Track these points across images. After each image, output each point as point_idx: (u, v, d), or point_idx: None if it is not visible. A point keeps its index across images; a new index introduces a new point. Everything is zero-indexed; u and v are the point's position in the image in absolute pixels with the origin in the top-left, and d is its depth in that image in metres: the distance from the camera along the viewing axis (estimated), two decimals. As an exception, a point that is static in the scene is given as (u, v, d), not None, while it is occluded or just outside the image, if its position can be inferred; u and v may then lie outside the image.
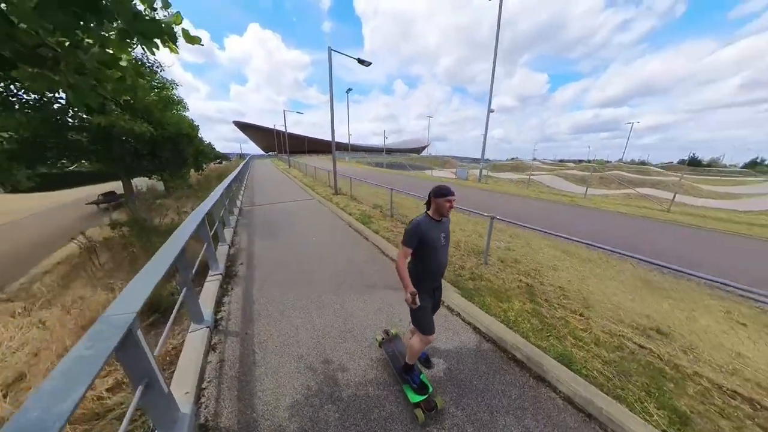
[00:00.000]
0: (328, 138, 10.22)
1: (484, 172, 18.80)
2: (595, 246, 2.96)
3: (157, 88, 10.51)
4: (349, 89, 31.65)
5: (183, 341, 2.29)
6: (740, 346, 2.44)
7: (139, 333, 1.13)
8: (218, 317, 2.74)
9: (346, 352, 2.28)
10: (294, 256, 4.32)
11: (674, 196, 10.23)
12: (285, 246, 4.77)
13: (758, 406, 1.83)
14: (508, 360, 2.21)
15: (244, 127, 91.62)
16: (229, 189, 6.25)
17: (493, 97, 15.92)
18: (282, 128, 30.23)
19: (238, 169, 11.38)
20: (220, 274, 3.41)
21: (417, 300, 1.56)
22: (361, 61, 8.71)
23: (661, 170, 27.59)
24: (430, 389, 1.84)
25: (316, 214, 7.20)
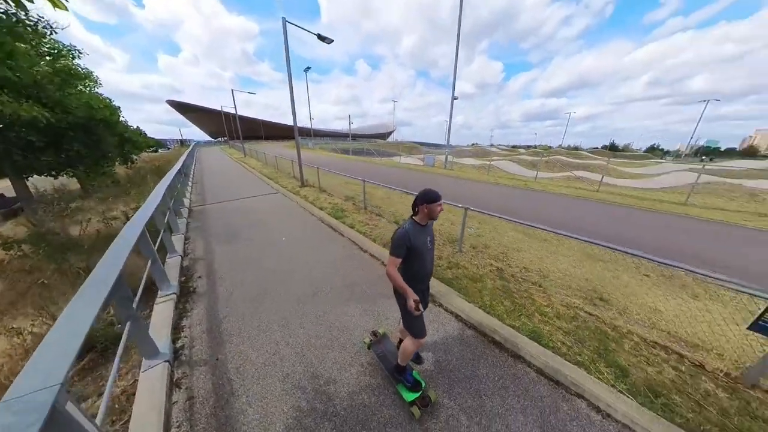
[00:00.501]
0: (287, 122, 9.30)
1: (449, 158, 19.55)
2: (548, 230, 3.30)
3: (50, 56, 7.92)
4: (308, 68, 29.09)
5: (135, 382, 1.92)
6: (655, 301, 3.05)
7: (70, 408, 0.84)
8: (178, 346, 2.36)
9: (334, 362, 2.19)
10: (263, 261, 3.94)
11: (602, 178, 12.13)
12: (250, 250, 4.30)
13: (670, 351, 2.32)
14: (489, 343, 2.39)
15: (184, 109, 76.58)
16: (174, 186, 5.30)
17: (455, 82, 16.25)
18: (231, 110, 26.55)
19: (182, 159, 9.76)
20: (174, 293, 2.91)
21: (420, 307, 1.53)
22: (321, 38, 7.92)
23: (591, 155, 32.28)
24: (423, 385, 1.89)
25: (282, 210, 6.64)
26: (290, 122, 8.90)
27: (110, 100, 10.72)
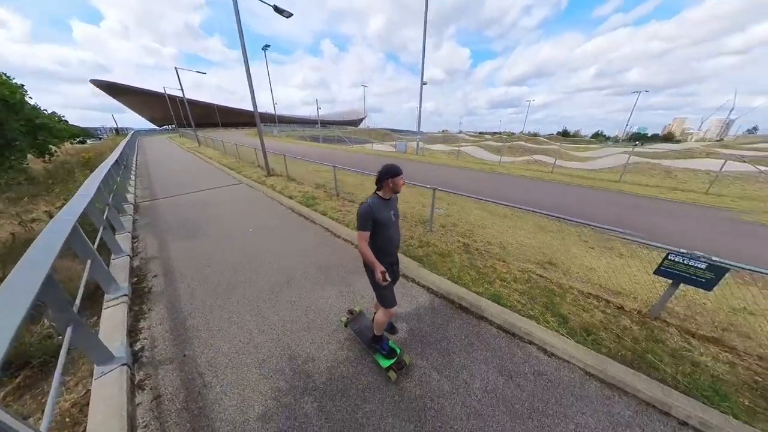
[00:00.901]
0: (248, 107, 8.47)
1: (420, 144, 19.84)
2: (508, 205, 3.64)
3: None
4: (267, 46, 26.43)
5: (88, 392, 1.75)
6: (592, 262, 3.59)
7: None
8: (137, 348, 2.18)
9: (312, 342, 2.22)
10: (229, 253, 3.71)
11: (555, 161, 13.47)
12: (214, 244, 4.01)
13: (600, 299, 2.78)
14: (457, 309, 2.61)
15: (116, 91, 62.66)
16: (110, 179, 4.62)
17: (424, 68, 16.23)
18: (178, 93, 22.92)
19: (119, 149, 8.45)
20: (125, 295, 2.62)
21: (387, 277, 1.60)
22: (278, 10, 7.22)
23: (547, 140, 35.33)
24: (398, 351, 2.02)
25: (248, 201, 6.22)
26: (250, 107, 8.12)
27: (8, 76, 8.67)
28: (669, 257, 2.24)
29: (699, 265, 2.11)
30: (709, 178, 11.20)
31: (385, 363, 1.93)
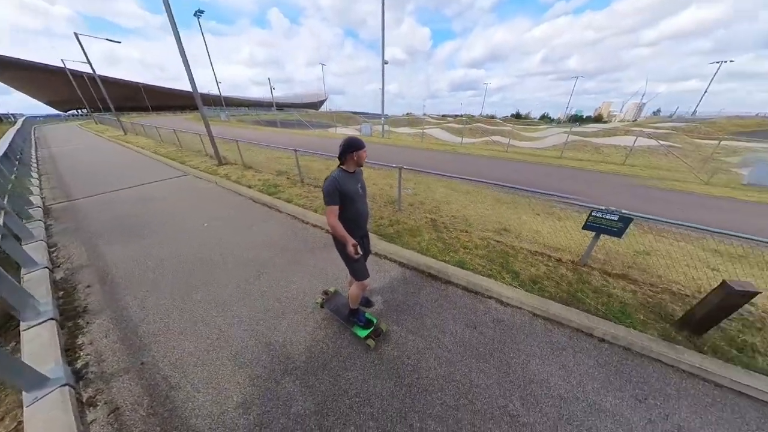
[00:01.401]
0: (183, 88, 7.28)
1: (386, 127, 19.66)
2: (470, 179, 3.92)
3: None
4: (200, 11, 22.52)
5: (19, 423, 1.51)
6: (538, 226, 4.12)
7: None
8: (79, 366, 1.91)
9: (288, 327, 2.20)
10: (184, 252, 3.34)
11: (509, 141, 14.61)
12: (163, 243, 3.55)
13: (544, 255, 3.25)
14: (427, 277, 2.82)
15: None
16: None
17: (385, 47, 15.69)
18: (84, 68, 17.85)
19: (6, 140, 6.67)
20: (48, 312, 2.20)
21: (359, 250, 1.62)
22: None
23: (502, 122, 37.91)
24: (375, 320, 2.13)
25: (198, 193, 5.56)
26: (188, 87, 6.96)
27: None
28: (592, 214, 2.70)
29: (613, 218, 2.60)
30: (626, 152, 13.41)
31: (363, 333, 2.03)
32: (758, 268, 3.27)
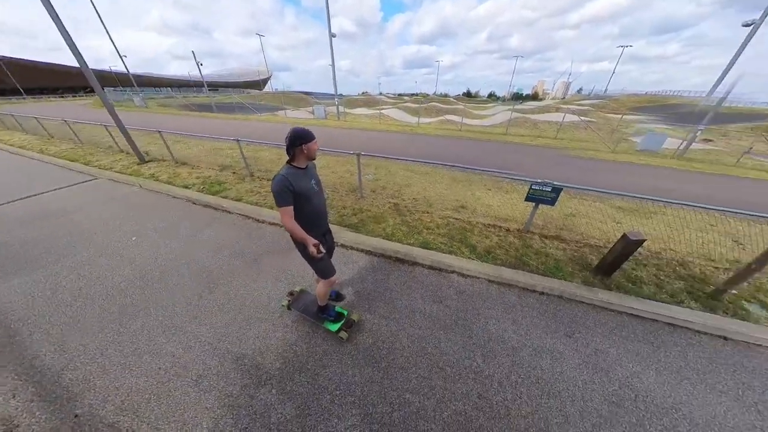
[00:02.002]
0: (68, 62, 5.58)
1: (340, 108, 18.63)
2: (426, 162, 4.04)
3: None
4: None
5: None
6: (490, 201, 4.53)
7: None
8: None
9: (257, 337, 2.06)
10: (110, 276, 2.76)
11: (462, 120, 15.30)
12: (76, 271, 2.87)
13: (495, 227, 3.61)
14: (394, 262, 2.89)
15: None
16: None
17: (332, 17, 14.35)
18: None
19: None
20: None
21: (321, 248, 1.54)
22: None
23: (455, 101, 39.31)
24: (345, 313, 2.13)
25: (117, 202, 4.56)
26: (74, 61, 5.30)
27: None
28: (532, 187, 3.05)
29: (547, 189, 2.98)
30: (557, 127, 15.31)
31: (334, 327, 2.02)
32: (645, 217, 4.20)
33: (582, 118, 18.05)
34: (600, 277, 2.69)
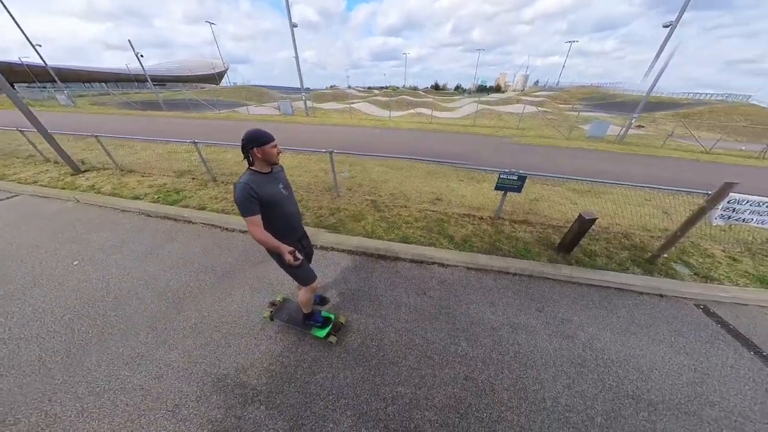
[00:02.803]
0: None
1: (309, 103, 17.85)
2: (400, 157, 4.07)
3: None
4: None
5: None
6: (463, 191, 4.73)
7: None
8: None
9: (237, 354, 1.94)
10: (49, 309, 2.37)
11: (432, 113, 15.62)
12: (8, 302, 2.43)
13: (470, 216, 3.80)
14: (377, 259, 2.91)
15: None
16: None
17: (292, 5, 13.50)
18: None
19: None
20: None
21: (298, 255, 1.46)
22: None
23: (425, 93, 39.91)
24: (333, 317, 2.10)
25: (48, 221, 3.88)
26: None
27: None
28: (500, 176, 3.24)
29: (514, 178, 3.19)
30: (519, 117, 16.37)
31: (322, 333, 1.98)
32: (596, 197, 4.72)
33: (539, 108, 19.52)
34: (562, 254, 2.98)
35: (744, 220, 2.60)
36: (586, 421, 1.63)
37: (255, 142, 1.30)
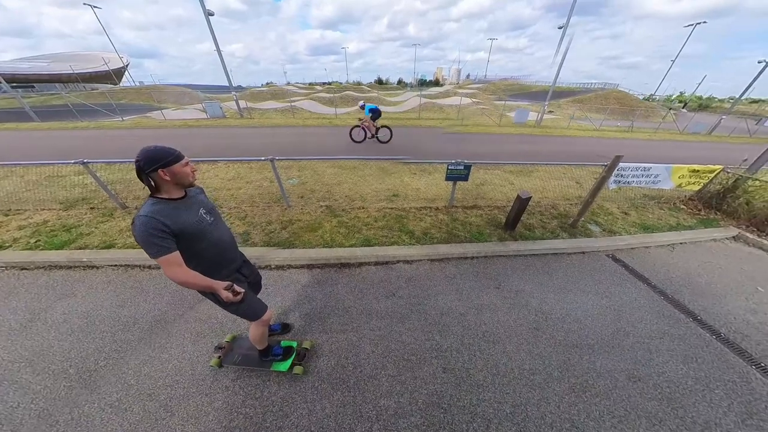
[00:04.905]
0: None
1: (243, 103, 15.97)
2: (351, 158, 3.93)
3: None
4: None
5: None
6: (417, 184, 4.87)
7: None
8: None
9: (185, 420, 1.56)
10: None
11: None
12: None
13: (427, 208, 3.92)
14: (340, 268, 2.74)
15: None
16: None
17: (198, -6, 11.65)
18: None
19: None
20: None
21: (237, 288, 1.22)
22: None
23: (369, 88, 39.90)
24: (295, 344, 1.88)
25: None
26: None
27: None
28: (449, 167, 3.40)
29: (461, 167, 3.38)
30: (458, 109, 17.73)
31: (285, 365, 1.76)
32: (527, 176, 5.41)
33: (473, 100, 21.51)
34: (509, 231, 3.31)
35: (629, 182, 3.31)
36: (547, 379, 1.83)
37: (158, 163, 0.99)
